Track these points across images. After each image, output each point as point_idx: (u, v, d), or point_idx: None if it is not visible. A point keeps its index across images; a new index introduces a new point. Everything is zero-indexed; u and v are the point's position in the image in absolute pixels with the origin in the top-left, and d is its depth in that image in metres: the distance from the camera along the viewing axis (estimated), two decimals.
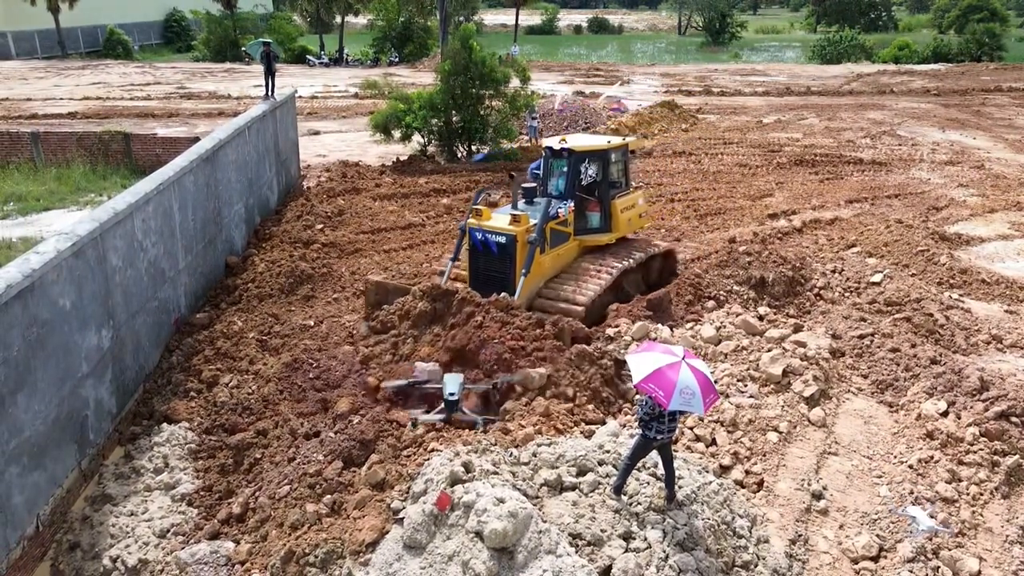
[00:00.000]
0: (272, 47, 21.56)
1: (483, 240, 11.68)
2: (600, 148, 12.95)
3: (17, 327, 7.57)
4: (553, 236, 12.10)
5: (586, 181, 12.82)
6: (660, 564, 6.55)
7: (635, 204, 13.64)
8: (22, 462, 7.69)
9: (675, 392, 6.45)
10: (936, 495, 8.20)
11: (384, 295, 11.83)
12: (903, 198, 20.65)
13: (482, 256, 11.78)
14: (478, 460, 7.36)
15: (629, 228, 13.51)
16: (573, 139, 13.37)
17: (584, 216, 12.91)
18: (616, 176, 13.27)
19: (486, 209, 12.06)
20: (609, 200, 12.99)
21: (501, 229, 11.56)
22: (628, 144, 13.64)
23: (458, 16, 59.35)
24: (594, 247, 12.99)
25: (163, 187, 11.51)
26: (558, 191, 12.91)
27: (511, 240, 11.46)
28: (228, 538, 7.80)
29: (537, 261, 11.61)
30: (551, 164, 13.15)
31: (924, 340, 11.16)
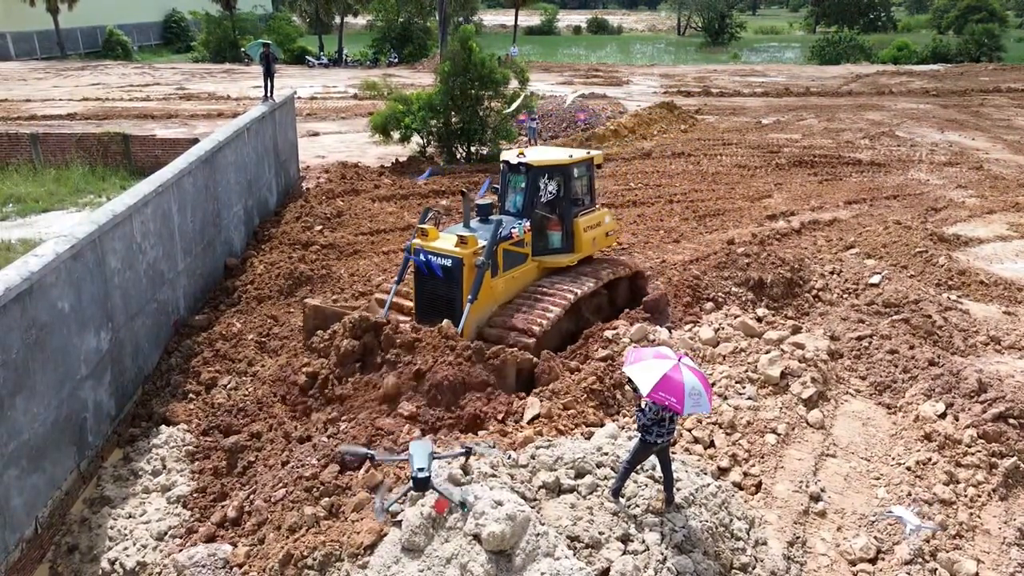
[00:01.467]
0: (271, 48, 21.57)
1: (427, 263, 10.76)
2: (561, 163, 12.01)
3: (16, 330, 7.58)
4: (508, 258, 11.28)
5: (546, 198, 11.96)
6: (658, 566, 6.56)
7: (601, 222, 12.72)
8: (21, 464, 7.69)
9: (686, 396, 6.48)
10: (934, 497, 8.21)
11: (323, 320, 10.89)
12: (902, 199, 20.67)
13: (427, 280, 10.89)
14: (476, 462, 7.36)
15: (593, 248, 12.61)
16: (532, 152, 12.45)
17: (544, 235, 12.06)
18: (579, 192, 12.39)
19: (432, 229, 11.14)
20: (571, 218, 12.16)
21: (446, 251, 10.64)
22: (593, 158, 12.64)
23: (457, 17, 59.36)
24: (554, 269, 12.12)
25: (162, 189, 11.51)
26: (516, 208, 12.03)
27: (457, 263, 10.53)
28: (224, 540, 7.80)
29: (488, 286, 10.79)
30: (509, 179, 12.24)
31: (922, 342, 11.17)
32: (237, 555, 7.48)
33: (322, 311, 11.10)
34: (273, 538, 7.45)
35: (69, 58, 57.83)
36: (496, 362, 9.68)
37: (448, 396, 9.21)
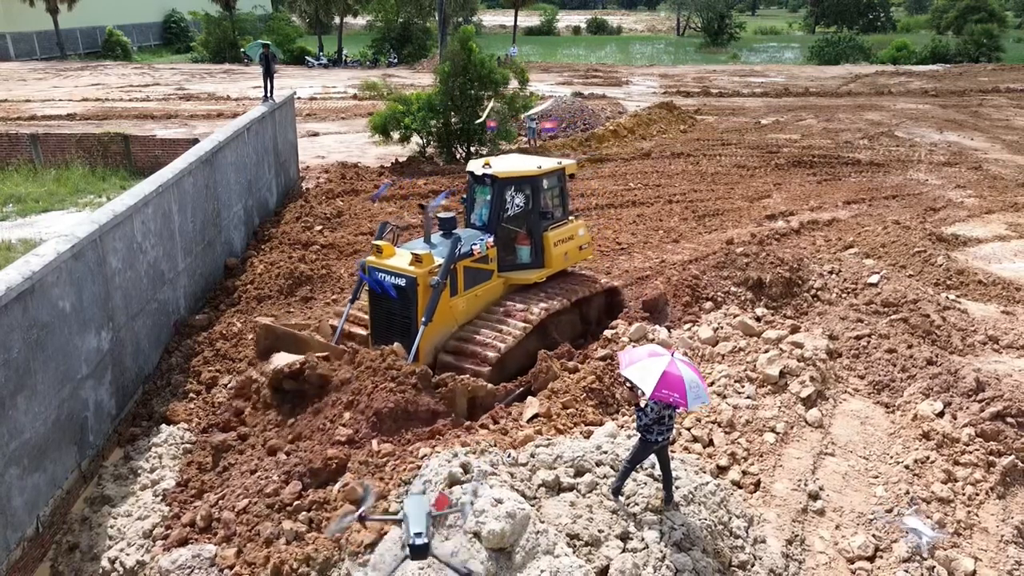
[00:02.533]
0: (271, 48, 21.60)
1: (380, 282, 10.20)
2: (529, 174, 11.29)
3: (17, 329, 7.60)
4: (470, 275, 10.68)
5: (513, 211, 11.32)
6: (657, 564, 6.59)
7: (573, 235, 12.04)
8: (22, 464, 7.72)
9: (688, 392, 6.55)
10: (932, 495, 8.24)
11: (274, 340, 10.38)
12: (901, 199, 20.71)
13: (381, 301, 10.34)
14: (476, 461, 7.39)
15: (565, 263, 11.95)
16: (499, 163, 11.69)
17: (511, 250, 11.45)
18: (549, 205, 11.75)
19: (388, 245, 10.51)
20: (540, 232, 11.49)
21: (400, 270, 10.05)
22: (565, 168, 11.99)
23: (457, 17, 59.38)
24: (524, 285, 11.50)
25: (162, 189, 11.54)
26: (482, 222, 11.38)
27: (411, 283, 9.94)
28: (198, 544, 7.66)
29: (446, 306, 10.24)
30: (475, 191, 11.59)
31: (921, 341, 11.21)
32: (226, 557, 7.35)
33: (274, 331, 10.53)
34: (252, 547, 7.34)
35: (69, 58, 57.86)
36: (444, 390, 9.04)
37: (389, 424, 8.54)
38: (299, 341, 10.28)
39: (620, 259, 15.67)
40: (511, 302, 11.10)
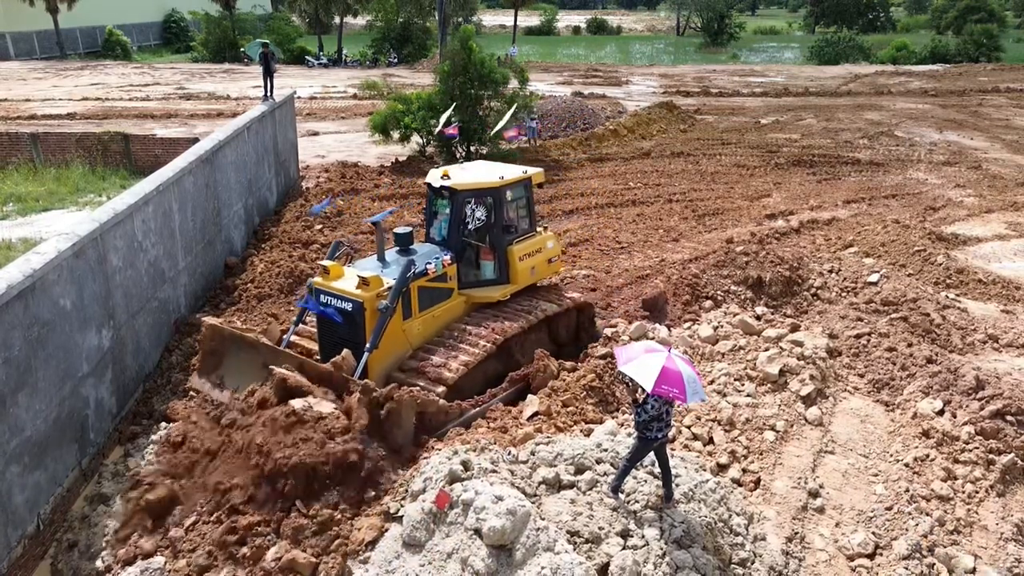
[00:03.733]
0: (270, 48, 21.60)
1: (325, 306, 9.53)
2: (490, 185, 10.55)
3: (18, 327, 7.61)
4: (425, 295, 9.98)
5: (473, 225, 10.66)
6: (657, 561, 6.60)
7: (541, 248, 11.36)
8: (23, 461, 7.72)
9: (686, 387, 6.57)
10: (931, 493, 8.25)
11: (220, 343, 9.81)
12: (900, 198, 20.73)
13: (326, 326, 9.67)
14: (477, 459, 7.40)
15: (532, 278, 11.28)
16: (460, 173, 10.86)
17: (473, 266, 10.84)
18: (513, 217, 11.04)
19: (336, 266, 9.82)
20: (504, 246, 10.80)
21: (346, 293, 9.36)
22: (531, 177, 11.24)
23: (457, 17, 59.39)
24: (486, 304, 10.81)
25: (163, 188, 11.55)
26: (441, 236, 10.71)
27: (357, 308, 9.25)
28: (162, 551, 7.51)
29: (399, 329, 9.60)
30: (434, 204, 10.90)
31: (920, 340, 11.22)
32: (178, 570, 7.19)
33: (220, 332, 9.85)
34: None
35: (69, 58, 57.84)
36: (389, 404, 8.17)
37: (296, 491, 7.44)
38: (247, 344, 9.65)
39: (620, 258, 15.69)
40: (473, 321, 10.48)
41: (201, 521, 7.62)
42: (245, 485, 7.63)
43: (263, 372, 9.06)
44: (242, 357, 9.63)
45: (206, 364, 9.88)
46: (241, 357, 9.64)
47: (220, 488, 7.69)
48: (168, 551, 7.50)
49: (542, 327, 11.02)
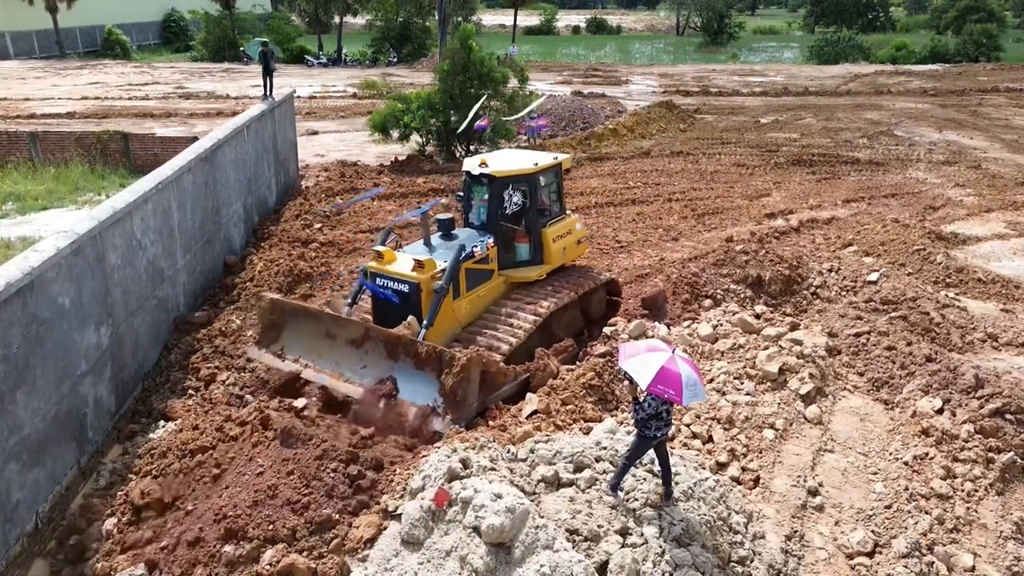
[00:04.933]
0: (270, 47, 21.58)
1: (383, 288, 10.19)
2: (526, 172, 11.23)
3: (17, 325, 7.60)
4: (471, 277, 10.65)
5: (511, 210, 11.28)
6: (656, 559, 6.59)
7: (571, 230, 12.12)
8: (22, 459, 7.72)
9: (684, 388, 6.54)
10: (931, 491, 8.25)
11: (280, 316, 10.44)
12: (900, 198, 20.73)
13: (383, 306, 10.27)
14: (476, 456, 7.39)
15: (564, 258, 12.02)
16: (496, 161, 11.55)
17: (511, 248, 11.47)
18: (546, 201, 11.79)
19: (389, 251, 10.52)
20: (539, 229, 11.52)
21: (402, 276, 10.05)
22: (561, 163, 12.05)
23: (456, 16, 59.36)
24: (524, 283, 11.53)
25: (162, 186, 11.53)
26: (480, 221, 11.39)
27: (414, 289, 9.94)
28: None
29: (449, 309, 10.25)
30: (471, 191, 11.56)
31: (920, 338, 11.21)
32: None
33: (281, 305, 10.52)
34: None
35: (68, 57, 57.82)
36: (457, 366, 8.82)
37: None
38: (309, 315, 10.34)
39: (620, 257, 15.68)
40: (517, 298, 11.19)
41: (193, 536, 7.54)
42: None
43: (325, 341, 9.94)
44: (303, 328, 10.27)
45: (266, 336, 10.49)
46: (302, 328, 10.28)
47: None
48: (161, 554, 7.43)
49: (576, 304, 11.69)
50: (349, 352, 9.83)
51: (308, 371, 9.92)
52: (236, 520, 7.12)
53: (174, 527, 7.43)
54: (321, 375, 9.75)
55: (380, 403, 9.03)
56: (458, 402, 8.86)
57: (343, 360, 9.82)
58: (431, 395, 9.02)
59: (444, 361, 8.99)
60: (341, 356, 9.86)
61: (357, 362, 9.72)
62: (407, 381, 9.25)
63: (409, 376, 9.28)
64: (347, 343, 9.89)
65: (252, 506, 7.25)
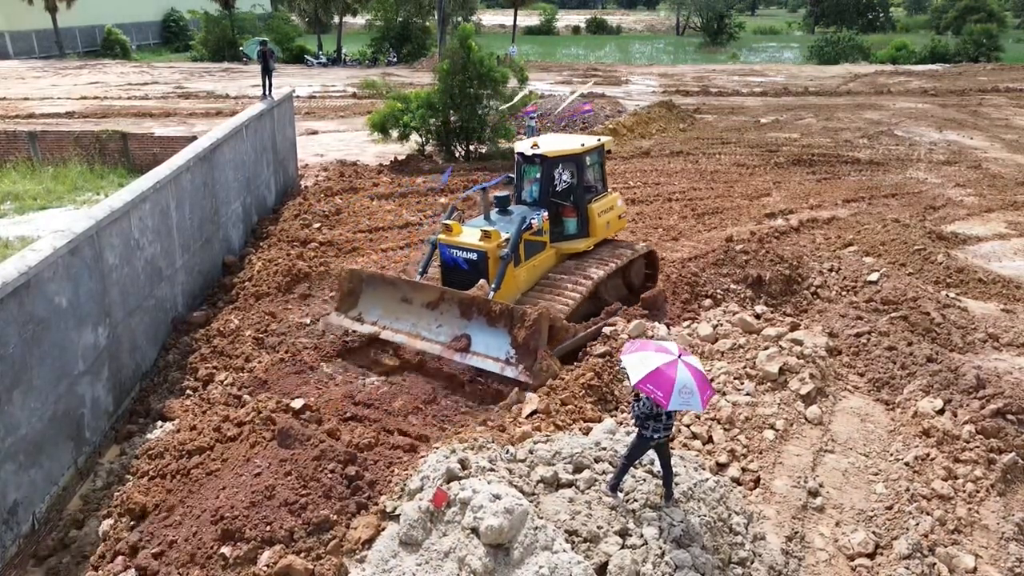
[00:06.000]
0: (269, 46, 21.53)
1: (453, 257, 11.34)
2: (574, 152, 12.37)
3: (13, 324, 7.55)
4: (528, 247, 11.68)
5: (560, 187, 12.37)
6: (656, 560, 6.55)
7: (613, 206, 13.17)
8: (18, 460, 7.67)
9: (674, 392, 6.41)
10: (932, 492, 8.21)
11: (358, 284, 11.57)
12: (900, 197, 20.70)
13: (453, 273, 11.40)
14: (474, 457, 7.36)
15: (608, 232, 13.08)
16: (546, 143, 12.73)
17: (560, 223, 12.51)
18: (592, 179, 12.84)
19: (456, 224, 11.62)
20: (585, 204, 12.56)
21: (471, 245, 11.19)
22: (603, 144, 13.11)
23: (456, 16, 59.33)
24: (572, 254, 12.57)
25: (160, 185, 11.48)
26: (532, 198, 12.46)
27: (482, 257, 11.10)
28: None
29: (511, 276, 11.23)
30: (524, 170, 12.61)
31: (921, 338, 11.18)
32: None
33: (359, 274, 11.70)
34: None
35: (67, 57, 57.78)
36: (528, 320, 9.90)
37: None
38: (386, 281, 11.47)
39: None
40: (569, 267, 12.28)
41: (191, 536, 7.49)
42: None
43: (401, 305, 11.09)
44: (380, 294, 11.39)
45: (344, 304, 11.58)
46: (379, 294, 11.40)
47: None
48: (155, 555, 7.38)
49: (620, 272, 12.71)
50: (425, 314, 10.90)
51: (386, 332, 11.01)
52: (233, 521, 7.08)
53: (171, 528, 7.39)
54: (398, 335, 10.88)
55: (457, 356, 10.24)
56: (530, 352, 9.87)
57: (419, 321, 10.88)
58: (503, 348, 10.07)
59: (515, 317, 10.03)
60: (417, 318, 10.93)
61: (433, 322, 10.78)
62: (480, 336, 10.31)
63: (482, 332, 10.32)
64: (423, 306, 10.95)
65: (249, 507, 7.21)
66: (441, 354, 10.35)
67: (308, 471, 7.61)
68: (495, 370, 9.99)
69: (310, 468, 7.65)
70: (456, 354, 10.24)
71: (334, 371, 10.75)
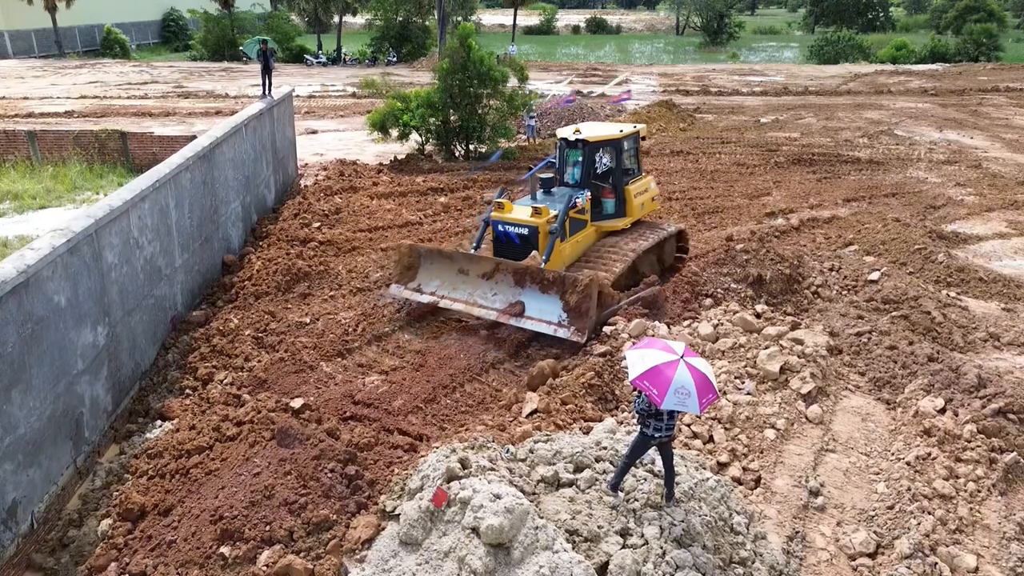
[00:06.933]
0: (270, 45, 21.48)
1: (506, 232, 12.50)
2: (614, 137, 13.51)
3: (12, 323, 7.53)
4: (572, 224, 12.68)
5: (601, 169, 13.51)
6: (657, 560, 6.52)
7: (647, 188, 14.36)
8: (17, 459, 7.65)
9: (669, 391, 6.32)
10: (933, 492, 8.18)
11: (416, 258, 12.58)
12: (900, 197, 20.66)
13: (505, 247, 12.59)
14: (475, 456, 7.33)
15: (642, 212, 14.22)
16: (587, 129, 13.81)
17: (599, 203, 13.57)
18: (629, 163, 13.91)
19: (508, 202, 12.76)
20: (623, 186, 13.67)
21: (523, 221, 12.32)
22: (639, 131, 14.20)
23: (456, 16, 59.31)
24: (610, 232, 13.69)
25: (159, 184, 11.46)
26: (574, 180, 13.55)
27: (533, 231, 12.22)
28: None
29: (557, 250, 12.25)
30: (566, 154, 13.70)
31: (921, 338, 11.15)
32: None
33: (417, 249, 12.73)
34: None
35: (67, 56, 57.73)
36: (580, 286, 10.95)
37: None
38: (443, 255, 12.51)
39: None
40: (609, 243, 13.35)
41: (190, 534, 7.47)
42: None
43: (459, 276, 12.22)
44: (437, 266, 12.47)
45: (403, 276, 12.65)
46: (436, 267, 12.47)
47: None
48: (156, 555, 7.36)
49: (654, 249, 13.73)
50: (481, 283, 12.03)
51: (444, 301, 12.15)
52: (233, 521, 7.06)
53: (170, 528, 7.37)
54: (456, 303, 12.01)
55: (513, 320, 11.36)
56: (582, 315, 10.92)
57: (476, 290, 11.99)
58: (556, 312, 11.18)
59: (567, 283, 11.18)
60: (474, 287, 12.05)
61: (488, 291, 11.91)
62: (534, 302, 11.44)
63: (536, 298, 11.46)
64: (479, 276, 12.07)
65: (249, 506, 7.19)
66: (497, 319, 11.50)
67: (308, 470, 7.59)
68: (548, 332, 11.06)
69: (310, 467, 7.63)
70: (512, 318, 11.35)
71: (334, 370, 10.74)
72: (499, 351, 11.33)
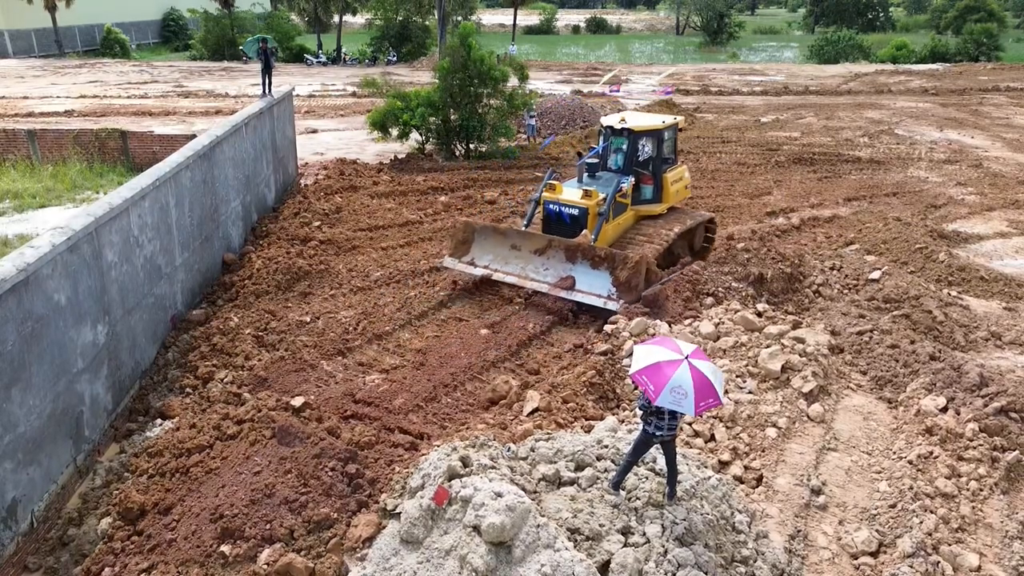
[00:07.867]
0: (270, 44, 21.43)
1: (557, 212, 13.39)
2: (656, 127, 14.35)
3: (11, 321, 7.50)
4: (617, 207, 13.56)
5: (643, 157, 14.28)
6: (659, 559, 6.50)
7: (682, 176, 15.11)
8: (17, 458, 7.62)
9: (665, 388, 6.26)
10: (935, 490, 8.16)
11: (471, 234, 13.50)
12: (901, 196, 20.66)
13: (555, 225, 13.44)
14: (476, 455, 7.31)
15: (677, 199, 15.00)
16: (632, 118, 14.66)
17: (639, 188, 14.35)
18: (667, 152, 14.68)
19: (558, 184, 13.70)
20: (661, 173, 14.42)
21: (574, 202, 13.25)
22: (678, 122, 15.17)
23: (456, 16, 59.26)
24: (647, 216, 14.48)
25: (159, 183, 11.43)
26: (617, 166, 14.36)
27: (583, 212, 13.10)
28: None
29: (603, 230, 13.11)
30: (611, 142, 14.52)
31: (923, 337, 11.13)
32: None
33: (472, 225, 13.63)
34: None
35: (67, 56, 57.70)
36: (631, 262, 11.85)
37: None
38: (497, 232, 13.45)
39: None
40: (647, 225, 14.20)
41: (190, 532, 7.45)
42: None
43: (512, 252, 13.14)
44: (491, 242, 13.42)
45: (458, 250, 13.58)
46: (489, 242, 13.43)
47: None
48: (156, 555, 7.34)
49: (687, 233, 14.59)
50: (533, 259, 12.91)
51: (497, 274, 13.05)
52: (233, 519, 7.04)
53: (170, 527, 7.35)
54: (509, 276, 12.92)
55: (564, 292, 12.22)
56: (631, 289, 11.84)
57: (528, 265, 12.88)
58: (605, 286, 12.07)
59: (617, 260, 12.07)
60: (526, 262, 12.93)
61: (540, 266, 12.79)
62: (584, 277, 12.30)
63: (586, 273, 12.33)
64: (531, 252, 12.96)
65: (249, 505, 7.17)
66: (549, 291, 12.33)
67: (308, 469, 7.57)
68: (599, 304, 11.92)
69: (310, 466, 7.61)
70: (563, 291, 12.20)
71: (334, 369, 10.72)
72: (499, 350, 11.31)
